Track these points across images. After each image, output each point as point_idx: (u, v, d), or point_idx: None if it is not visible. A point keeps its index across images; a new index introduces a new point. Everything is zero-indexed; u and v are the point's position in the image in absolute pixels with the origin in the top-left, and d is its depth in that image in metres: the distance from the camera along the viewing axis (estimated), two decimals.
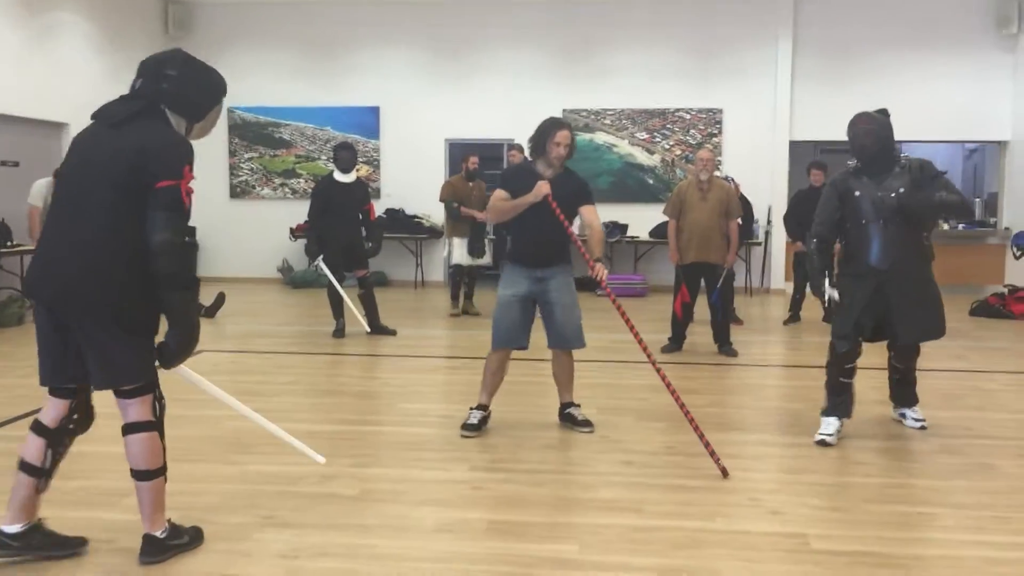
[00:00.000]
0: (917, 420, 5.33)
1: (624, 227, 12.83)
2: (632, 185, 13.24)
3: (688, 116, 13.13)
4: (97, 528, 3.59)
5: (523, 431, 5.18)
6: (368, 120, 13.45)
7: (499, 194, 5.13)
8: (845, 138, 5.05)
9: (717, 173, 9.22)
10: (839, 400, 5.06)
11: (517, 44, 13.26)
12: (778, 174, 12.96)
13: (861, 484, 4.34)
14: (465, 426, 5.12)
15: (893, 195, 4.88)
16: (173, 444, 3.40)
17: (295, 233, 12.93)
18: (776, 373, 7.50)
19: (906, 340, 5.09)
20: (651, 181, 13.23)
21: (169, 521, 3.36)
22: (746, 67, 12.99)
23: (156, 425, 3.25)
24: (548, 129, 5.04)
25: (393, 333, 8.62)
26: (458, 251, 9.96)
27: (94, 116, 3.25)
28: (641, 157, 13.25)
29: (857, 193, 4.98)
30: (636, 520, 3.80)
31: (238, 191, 13.81)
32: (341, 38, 13.46)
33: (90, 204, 3.09)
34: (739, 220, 7.85)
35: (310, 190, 9.39)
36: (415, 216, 13.28)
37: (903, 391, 5.40)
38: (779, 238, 12.70)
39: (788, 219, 9.72)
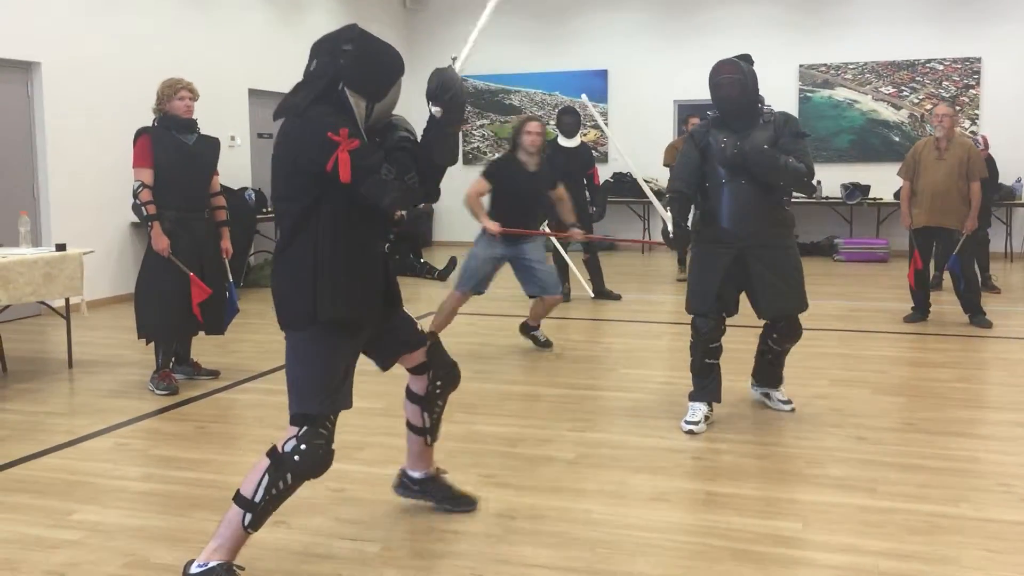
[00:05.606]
0: (783, 402, 4.81)
1: (866, 188, 12.06)
2: (876, 143, 12.41)
3: (941, 67, 12.09)
4: (329, 477, 3.82)
5: (747, 402, 4.99)
6: (596, 83, 13.38)
7: None
8: None
9: (969, 131, 8.45)
10: (705, 383, 4.53)
11: None
12: None
13: None
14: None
15: (735, 148, 4.33)
16: (398, 402, 3.51)
17: None
18: None
19: (768, 316, 4.53)
20: (897, 139, 12.33)
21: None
22: (1007, 9, 11.75)
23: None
24: None
25: (618, 298, 8.59)
26: None
27: (277, 115, 3.06)
28: (886, 113, 12.37)
29: (720, 146, 4.41)
30: (868, 500, 3.57)
31: (470, 158, 14.20)
32: (569, 2, 13.45)
33: None
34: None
35: None
36: (646, 179, 13.10)
37: (772, 371, 4.84)
38: None
39: None
